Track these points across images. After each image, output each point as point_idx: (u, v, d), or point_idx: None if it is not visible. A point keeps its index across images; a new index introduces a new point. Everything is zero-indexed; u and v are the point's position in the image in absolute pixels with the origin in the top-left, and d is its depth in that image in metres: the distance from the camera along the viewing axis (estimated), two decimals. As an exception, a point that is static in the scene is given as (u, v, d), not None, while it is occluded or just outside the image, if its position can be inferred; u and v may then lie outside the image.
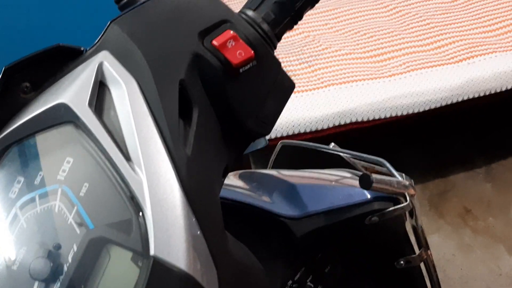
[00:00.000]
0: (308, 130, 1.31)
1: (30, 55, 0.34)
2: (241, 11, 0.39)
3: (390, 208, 0.47)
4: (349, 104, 1.31)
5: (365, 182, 0.43)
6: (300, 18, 0.41)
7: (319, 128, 1.31)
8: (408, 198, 0.48)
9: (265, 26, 0.38)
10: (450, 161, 1.81)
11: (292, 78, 0.40)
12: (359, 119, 1.32)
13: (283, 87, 0.40)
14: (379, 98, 1.33)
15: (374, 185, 0.43)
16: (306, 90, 1.35)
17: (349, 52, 1.50)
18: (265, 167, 0.78)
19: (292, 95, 1.39)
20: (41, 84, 0.35)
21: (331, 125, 1.31)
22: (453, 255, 1.55)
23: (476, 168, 1.79)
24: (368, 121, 1.34)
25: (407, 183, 0.48)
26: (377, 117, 1.33)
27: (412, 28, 1.57)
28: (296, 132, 1.30)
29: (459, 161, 1.80)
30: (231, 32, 0.35)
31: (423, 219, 1.65)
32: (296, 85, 1.44)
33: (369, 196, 0.48)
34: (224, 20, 0.36)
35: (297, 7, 0.39)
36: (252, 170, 0.63)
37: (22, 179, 0.31)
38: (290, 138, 1.31)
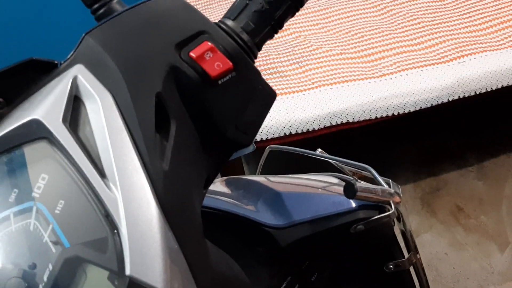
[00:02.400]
0: (299, 131, 1.30)
1: (2, 70, 0.33)
2: (220, 21, 0.39)
3: (376, 217, 0.47)
4: (340, 105, 1.31)
5: (349, 191, 0.43)
6: (281, 27, 0.40)
7: (310, 129, 1.30)
8: (393, 206, 0.48)
9: (244, 36, 0.38)
10: (442, 159, 1.81)
11: (283, 79, 0.40)
12: (350, 120, 1.32)
13: (264, 97, 0.39)
14: (370, 98, 1.32)
15: (358, 194, 0.43)
16: (297, 91, 1.34)
17: (340, 52, 1.49)
18: (257, 168, 0.77)
19: (283, 96, 1.38)
20: (14, 99, 0.34)
21: (322, 126, 1.31)
22: (445, 254, 1.56)
23: (468, 166, 1.79)
24: (360, 122, 1.34)
25: (392, 191, 0.47)
26: (368, 118, 1.33)
27: (402, 27, 1.57)
28: (287, 133, 1.29)
29: (451, 160, 1.81)
30: (209, 43, 0.35)
31: (415, 217, 1.66)
32: (287, 86, 1.44)
33: (354, 205, 0.47)
34: (202, 31, 0.35)
35: (277, 16, 0.39)
36: (239, 177, 0.62)
37: None
38: (281, 139, 1.30)
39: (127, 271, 0.28)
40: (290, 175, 0.66)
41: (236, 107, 0.37)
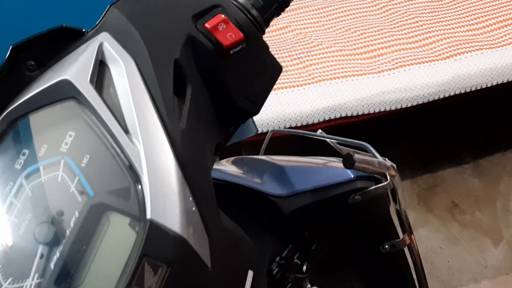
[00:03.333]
0: (299, 124, 1.33)
1: (35, 35, 0.36)
2: None
3: (372, 187, 0.50)
4: (339, 99, 1.34)
5: (348, 162, 0.46)
6: (287, 5, 0.43)
7: (310, 122, 1.33)
8: (388, 178, 0.51)
9: (254, 11, 0.41)
10: (439, 157, 1.84)
11: (284, 74, 0.43)
12: (349, 114, 1.35)
13: (271, 69, 0.43)
14: (368, 93, 1.36)
15: (356, 164, 0.46)
16: (297, 86, 1.38)
17: (340, 48, 1.53)
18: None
19: (284, 90, 1.41)
20: (46, 62, 0.37)
21: (321, 120, 1.34)
22: (441, 248, 1.59)
23: (464, 164, 1.82)
24: (358, 116, 1.37)
25: (388, 163, 0.51)
26: (366, 112, 1.36)
27: (401, 26, 1.61)
28: (287, 126, 1.33)
29: (448, 157, 1.84)
30: (222, 16, 0.38)
31: (412, 213, 1.69)
32: (287, 80, 1.48)
33: (352, 176, 0.51)
34: (216, 5, 0.39)
35: None
36: (244, 156, 0.65)
37: (27, 151, 0.33)
38: (282, 132, 1.34)
39: (148, 215, 0.30)
40: (291, 156, 0.69)
41: (246, 77, 0.41)
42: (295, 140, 1.43)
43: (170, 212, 0.31)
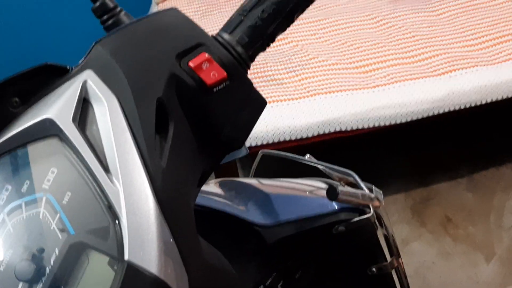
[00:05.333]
0: (293, 138, 1.34)
1: (20, 72, 0.37)
2: (217, 34, 0.42)
3: (355, 219, 0.51)
4: (333, 114, 1.35)
5: (331, 194, 0.46)
6: (273, 41, 0.44)
7: (304, 136, 1.34)
8: (372, 209, 0.51)
9: (239, 48, 0.41)
10: (434, 170, 1.85)
11: (280, 87, 0.44)
12: (343, 128, 1.36)
13: (255, 104, 0.43)
14: (363, 108, 1.36)
15: (340, 197, 0.46)
16: (292, 99, 1.38)
17: (336, 62, 1.53)
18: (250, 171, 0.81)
19: (279, 103, 1.41)
20: (30, 98, 0.37)
21: (315, 134, 1.34)
22: (433, 263, 1.59)
23: (458, 178, 1.83)
24: (352, 131, 1.37)
25: (372, 195, 0.51)
26: (360, 127, 1.37)
27: (397, 40, 1.61)
28: (281, 139, 1.33)
29: (442, 171, 1.84)
30: (206, 55, 0.38)
31: (405, 226, 1.70)
32: (282, 93, 1.49)
33: (336, 207, 0.51)
34: (200, 43, 0.39)
35: (270, 31, 0.43)
36: (232, 179, 0.66)
37: (9, 187, 0.33)
38: (275, 145, 1.34)
39: (126, 256, 0.31)
40: (281, 179, 0.69)
41: (229, 113, 0.41)
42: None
43: (148, 253, 0.32)
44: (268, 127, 1.31)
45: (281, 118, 1.33)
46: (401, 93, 1.39)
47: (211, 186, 0.64)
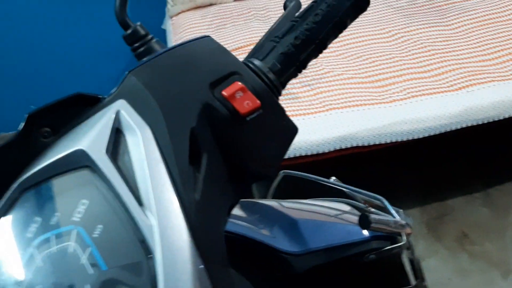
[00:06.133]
0: (309, 153, 1.32)
1: (52, 103, 0.36)
2: (248, 61, 0.42)
3: (388, 247, 0.49)
4: (350, 129, 1.34)
5: (364, 223, 0.45)
6: (304, 67, 0.43)
7: (320, 151, 1.33)
8: (404, 237, 0.50)
9: (271, 75, 0.41)
10: (449, 185, 1.83)
11: (295, 101, 0.43)
12: (360, 144, 1.34)
13: (286, 132, 0.42)
14: (380, 123, 1.35)
15: (372, 225, 0.45)
16: (308, 114, 1.37)
17: (351, 76, 1.52)
18: (267, 188, 0.79)
19: (294, 118, 1.40)
20: (60, 129, 0.37)
21: (332, 149, 1.33)
22: (449, 279, 1.56)
23: (474, 193, 1.81)
24: (369, 146, 1.36)
25: (403, 222, 0.50)
26: (377, 142, 1.35)
27: (413, 54, 1.60)
28: (297, 154, 1.32)
29: (458, 186, 1.82)
30: (239, 83, 0.38)
31: (421, 242, 1.67)
32: (298, 108, 1.47)
33: (367, 235, 0.50)
34: (233, 72, 0.38)
35: (302, 58, 0.42)
36: (254, 201, 0.64)
37: (39, 219, 0.33)
38: (291, 161, 1.33)
39: None
40: (303, 201, 0.68)
41: (262, 142, 0.40)
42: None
43: None
44: (284, 142, 1.30)
45: (298, 133, 1.32)
46: (418, 108, 1.38)
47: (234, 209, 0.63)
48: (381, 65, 1.56)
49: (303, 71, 0.44)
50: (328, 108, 1.39)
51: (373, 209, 0.68)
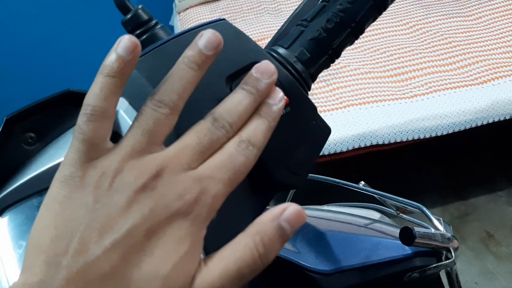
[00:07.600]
0: (326, 153, 1.26)
1: (36, 103, 0.30)
2: (272, 49, 0.35)
3: (434, 265, 0.42)
4: (369, 126, 1.26)
5: (407, 239, 0.38)
6: (338, 56, 0.36)
7: (338, 150, 1.26)
8: (453, 254, 0.43)
9: (299, 66, 0.34)
10: (471, 183, 1.75)
11: (310, 97, 0.35)
12: (380, 142, 1.27)
13: (317, 134, 0.35)
14: (401, 120, 1.28)
15: (417, 240, 0.38)
16: (325, 111, 1.30)
17: (369, 71, 1.45)
18: (285, 196, 0.73)
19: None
20: (47, 134, 0.31)
21: (350, 148, 1.26)
22: (476, 283, 1.49)
23: (498, 191, 1.73)
24: (390, 144, 1.29)
25: (449, 235, 0.43)
26: (399, 140, 1.28)
27: (433, 46, 1.52)
28: (314, 154, 1.25)
29: (480, 183, 1.74)
30: None
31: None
32: (314, 104, 1.38)
33: (409, 251, 0.43)
34: (255, 63, 0.32)
35: (335, 45, 0.35)
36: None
37: (23, 243, 0.28)
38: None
39: None
40: (327, 207, 0.62)
41: (288, 146, 0.33)
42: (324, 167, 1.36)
43: None
44: (300, 141, 1.24)
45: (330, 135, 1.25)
46: (441, 103, 1.30)
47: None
48: (400, 58, 1.49)
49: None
50: (345, 105, 1.32)
51: (405, 216, 0.61)
